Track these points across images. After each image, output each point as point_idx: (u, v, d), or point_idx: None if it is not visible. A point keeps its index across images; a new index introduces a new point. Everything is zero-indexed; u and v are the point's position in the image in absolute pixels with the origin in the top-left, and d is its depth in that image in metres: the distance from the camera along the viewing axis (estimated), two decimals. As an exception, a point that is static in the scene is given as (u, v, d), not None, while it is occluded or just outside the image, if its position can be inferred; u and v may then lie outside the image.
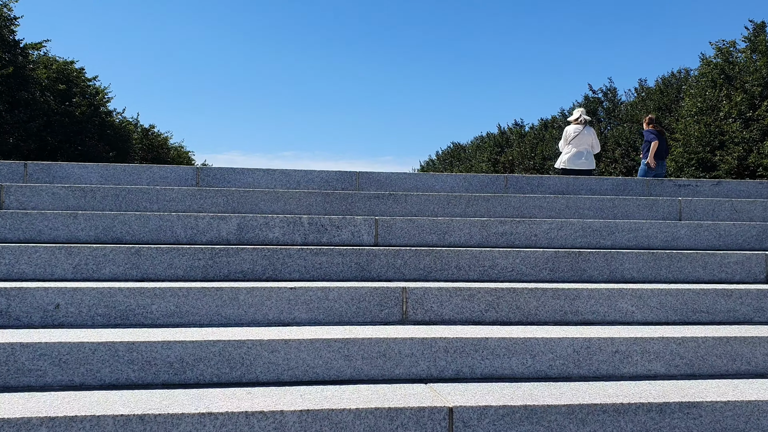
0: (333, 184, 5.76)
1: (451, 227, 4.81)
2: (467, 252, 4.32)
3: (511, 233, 4.87)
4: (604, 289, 3.94)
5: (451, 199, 5.36)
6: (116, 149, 46.46)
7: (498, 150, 67.93)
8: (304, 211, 5.19)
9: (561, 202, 5.48)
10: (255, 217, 4.62)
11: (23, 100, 33.64)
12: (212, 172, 5.60)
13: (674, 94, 45.62)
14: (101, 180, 5.44)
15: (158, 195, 5.02)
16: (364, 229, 4.72)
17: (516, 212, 5.42)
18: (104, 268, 4.00)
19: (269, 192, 5.17)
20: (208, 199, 5.08)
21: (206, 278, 4.07)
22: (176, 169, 5.55)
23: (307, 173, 5.73)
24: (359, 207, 5.26)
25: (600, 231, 4.97)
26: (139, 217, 4.51)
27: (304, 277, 4.16)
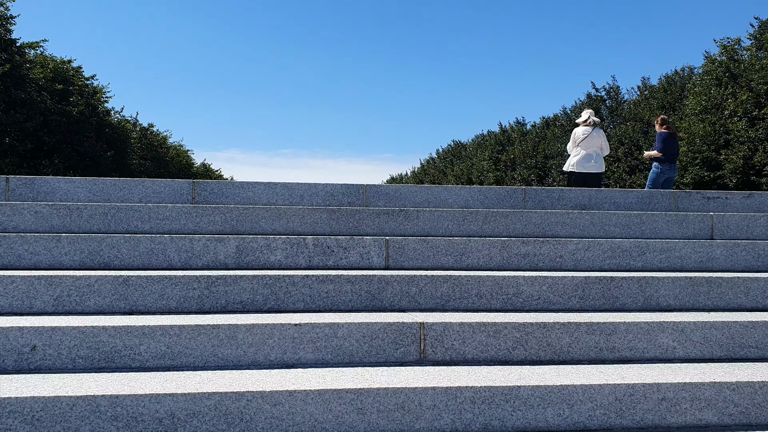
0: (338, 198, 5.37)
1: (468, 248, 4.42)
2: (488, 278, 3.92)
3: (534, 254, 4.48)
4: (642, 323, 3.55)
5: (466, 216, 4.96)
6: (114, 149, 45.96)
7: (499, 148, 67.45)
8: (308, 230, 4.79)
9: (585, 218, 5.09)
10: (255, 239, 4.23)
11: (20, 100, 33.20)
12: (209, 186, 5.20)
13: (678, 93, 45.18)
14: (89, 195, 5.04)
15: (150, 213, 4.63)
16: (373, 250, 4.33)
17: (537, 229, 5.03)
18: (88, 300, 3.60)
19: (270, 209, 4.77)
20: (204, 217, 4.68)
21: (201, 310, 3.68)
22: (171, 184, 5.16)
23: (311, 187, 5.33)
24: (367, 224, 4.86)
25: (630, 251, 4.58)
26: (129, 240, 4.11)
27: (310, 308, 3.77)
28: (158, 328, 3.20)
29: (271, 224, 4.76)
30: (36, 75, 36.94)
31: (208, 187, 5.19)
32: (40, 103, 34.93)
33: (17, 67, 33.91)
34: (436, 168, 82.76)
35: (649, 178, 12.92)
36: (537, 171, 57.83)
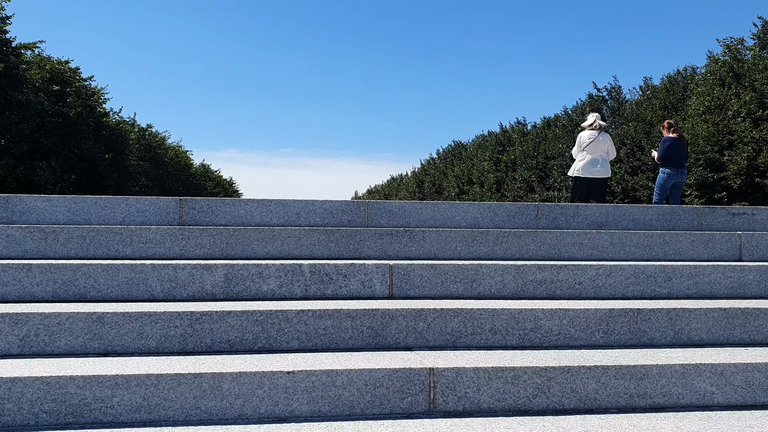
0: (338, 216, 4.99)
1: (479, 274, 4.04)
2: (504, 312, 3.54)
3: (551, 281, 4.10)
4: (677, 365, 3.17)
5: (476, 236, 4.58)
6: (112, 150, 45.57)
7: (500, 149, 67.06)
8: (304, 253, 4.41)
9: (604, 238, 4.71)
10: (246, 266, 3.85)
11: (15, 101, 32.79)
12: (198, 204, 4.82)
13: (681, 93, 44.80)
14: (69, 215, 4.66)
15: (133, 236, 4.25)
16: (376, 277, 3.95)
17: (553, 251, 4.65)
18: (59, 340, 3.23)
19: (263, 231, 4.39)
20: (191, 239, 4.30)
21: (184, 350, 3.30)
22: (156, 201, 4.77)
23: (308, 204, 4.95)
24: (369, 246, 4.48)
25: (655, 277, 4.20)
26: (107, 269, 3.73)
27: (306, 347, 3.39)
28: (133, 378, 2.82)
29: (264, 247, 4.38)
30: (33, 76, 36.56)
31: (196, 204, 4.81)
32: (36, 105, 34.55)
33: (13, 68, 33.53)
34: (437, 168, 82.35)
35: (656, 183, 12.53)
36: (538, 172, 57.47)
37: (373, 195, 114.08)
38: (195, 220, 4.78)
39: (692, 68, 46.34)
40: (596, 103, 52.94)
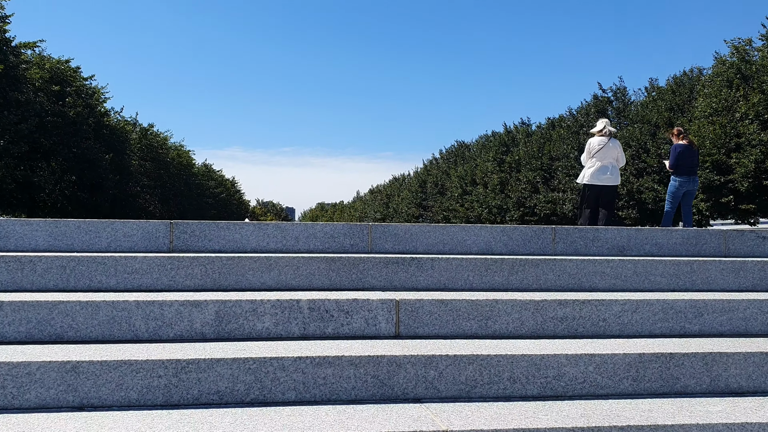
0: (339, 240, 4.64)
1: (495, 310, 3.70)
2: (523, 358, 3.20)
3: (573, 318, 3.75)
4: (720, 425, 2.83)
5: (489, 265, 4.24)
6: (113, 150, 45.26)
7: (504, 149, 66.54)
8: (304, 283, 4.07)
9: (628, 267, 4.36)
10: (239, 302, 3.51)
11: (15, 101, 32.41)
12: (189, 228, 4.48)
13: (687, 94, 44.25)
14: (50, 241, 4.33)
15: (117, 266, 3.91)
16: (381, 314, 3.61)
17: (572, 281, 4.30)
18: (28, 393, 2.89)
19: (259, 259, 4.05)
20: (181, 270, 3.96)
21: (169, 402, 2.96)
22: (144, 225, 4.43)
23: (307, 227, 4.61)
24: (373, 276, 4.14)
25: (684, 312, 3.86)
26: (86, 306, 3.40)
27: (303, 398, 3.05)
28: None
29: (260, 277, 4.04)
30: (32, 75, 36.19)
31: (188, 228, 4.47)
32: (36, 104, 34.17)
33: (13, 68, 33.15)
34: (439, 169, 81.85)
35: (668, 191, 12.16)
36: (542, 173, 56.92)
37: (375, 195, 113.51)
38: (186, 245, 4.44)
39: (699, 69, 45.86)
40: (601, 105, 52.59)
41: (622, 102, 52.04)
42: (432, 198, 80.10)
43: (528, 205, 58.00)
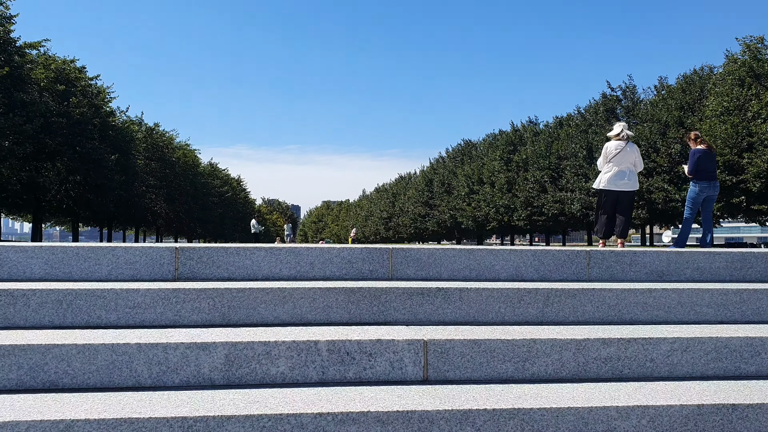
0: (358, 266, 4.30)
1: (533, 351, 3.35)
2: (570, 411, 2.86)
3: (617, 358, 3.41)
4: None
5: (523, 296, 3.89)
6: (119, 151, 45.05)
7: (511, 148, 66.11)
8: (321, 317, 3.74)
9: (671, 297, 4.01)
10: (251, 344, 3.18)
11: (20, 102, 32.15)
12: (196, 253, 4.15)
13: (697, 93, 43.72)
14: (46, 269, 4.00)
15: (118, 299, 3.58)
16: (407, 356, 3.27)
17: (612, 312, 3.95)
18: (16, 456, 2.56)
19: (272, 291, 3.72)
20: (187, 303, 3.63)
21: (175, 466, 2.63)
22: (147, 251, 4.11)
23: (324, 252, 4.27)
24: (396, 308, 3.80)
25: (740, 352, 3.51)
26: (83, 351, 3.07)
27: (325, 459, 2.71)
28: None
29: (273, 311, 3.70)
30: (37, 76, 35.94)
31: (195, 254, 4.14)
32: (41, 105, 33.91)
33: (17, 68, 32.91)
34: (446, 167, 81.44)
35: (687, 197, 11.78)
36: (550, 172, 56.50)
37: (381, 193, 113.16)
38: (193, 272, 4.11)
39: (709, 68, 45.39)
40: (610, 103, 52.13)
41: (631, 100, 51.51)
42: (439, 197, 79.71)
43: (536, 205, 57.56)
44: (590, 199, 48.91)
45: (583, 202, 49.32)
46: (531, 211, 57.78)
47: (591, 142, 49.92)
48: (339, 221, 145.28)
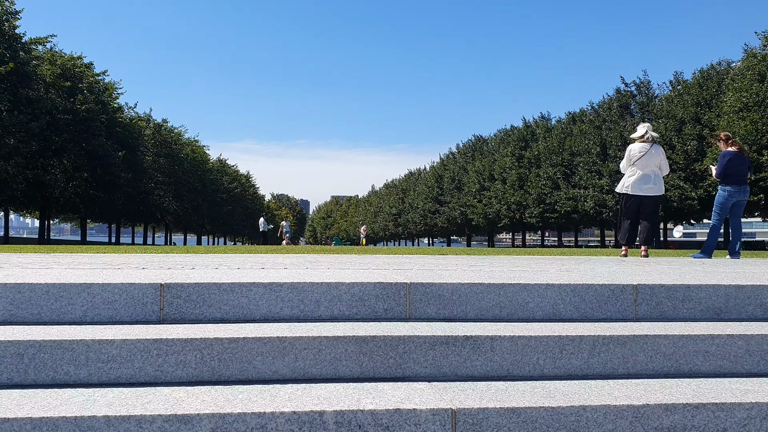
0: (370, 303, 3.75)
1: (582, 420, 2.78)
2: None
3: (683, 428, 2.83)
4: None
5: (565, 344, 3.32)
6: (126, 147, 44.72)
7: (523, 144, 65.27)
8: (327, 371, 3.18)
9: (738, 344, 3.43)
10: (243, 417, 2.62)
11: (25, 98, 31.74)
12: (185, 291, 3.60)
13: (715, 89, 42.76)
14: (11, 310, 3.47)
15: (89, 353, 3.04)
16: (432, 430, 2.71)
17: (669, 363, 3.37)
18: None
19: (270, 341, 3.16)
20: (171, 356, 3.08)
21: None
22: (128, 289, 3.56)
23: (331, 288, 3.71)
24: (416, 361, 3.24)
25: (830, 419, 2.92)
26: (39, 426, 2.53)
27: None
28: None
29: (271, 364, 3.15)
30: (43, 72, 35.57)
31: (183, 292, 3.59)
32: (47, 102, 33.51)
33: (23, 64, 32.52)
34: (456, 163, 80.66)
35: (715, 202, 11.14)
36: (563, 169, 55.70)
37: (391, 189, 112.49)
38: (180, 312, 3.56)
39: (727, 62, 44.44)
40: (624, 99, 51.27)
41: (646, 96, 50.61)
42: (449, 193, 79.01)
43: (548, 202, 56.82)
44: (604, 196, 48.17)
45: (596, 199, 48.58)
46: (543, 209, 57.08)
47: (605, 138, 49.14)
48: (348, 217, 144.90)
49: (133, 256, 7.63)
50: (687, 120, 41.73)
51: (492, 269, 5.28)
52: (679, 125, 42.30)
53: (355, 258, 7.56)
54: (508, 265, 6.08)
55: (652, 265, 6.74)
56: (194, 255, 8.33)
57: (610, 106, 51.59)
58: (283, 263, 5.76)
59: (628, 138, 47.35)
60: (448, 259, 7.52)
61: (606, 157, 49.44)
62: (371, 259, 7.33)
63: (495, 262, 6.79)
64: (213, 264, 5.46)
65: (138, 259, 6.75)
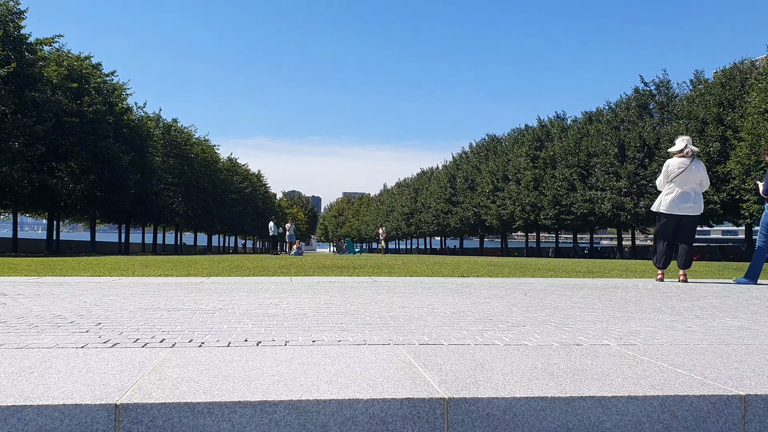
0: (396, 427, 2.82)
1: None
2: None
3: None
4: None
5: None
6: (134, 149, 43.95)
7: (538, 144, 63.91)
8: None
9: None
10: None
11: (30, 101, 30.95)
12: (148, 416, 2.69)
13: (738, 89, 41.31)
14: None
15: None
16: None
17: None
18: None
19: None
20: None
21: None
22: (72, 413, 2.66)
23: (342, 407, 2.79)
24: None
25: None
26: None
27: None
28: None
29: None
30: (50, 73, 34.80)
31: (145, 416, 2.67)
32: (53, 104, 32.73)
33: (29, 66, 31.75)
34: (469, 163, 79.34)
35: (761, 222, 10.14)
36: (579, 170, 54.37)
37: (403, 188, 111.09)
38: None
39: (750, 61, 43.10)
40: (643, 98, 50.03)
41: (665, 96, 49.20)
42: (462, 193, 77.73)
43: (564, 204, 55.47)
44: (622, 198, 46.90)
45: (614, 201, 47.31)
46: (559, 210, 55.86)
47: (622, 139, 47.87)
48: (359, 216, 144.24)
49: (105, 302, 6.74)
50: (709, 121, 40.51)
51: (534, 335, 4.35)
52: (701, 126, 41.09)
53: (369, 307, 6.69)
54: (554, 315, 5.13)
55: (717, 322, 5.77)
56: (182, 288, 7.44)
57: (628, 105, 50.38)
58: (284, 337, 4.85)
59: (647, 138, 46.20)
60: (477, 302, 6.62)
61: (624, 159, 48.27)
62: (386, 310, 6.45)
63: (531, 312, 5.87)
64: (198, 333, 4.55)
65: (106, 312, 5.87)
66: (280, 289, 7.48)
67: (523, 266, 15.96)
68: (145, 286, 7.67)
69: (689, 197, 10.42)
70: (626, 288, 8.44)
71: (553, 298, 7.11)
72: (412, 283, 8.63)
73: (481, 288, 8.13)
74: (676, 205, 10.48)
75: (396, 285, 8.20)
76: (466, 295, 7.13)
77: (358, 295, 6.98)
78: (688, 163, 10.47)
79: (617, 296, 7.36)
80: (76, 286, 7.83)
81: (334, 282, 8.37)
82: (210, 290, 6.90)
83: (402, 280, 9.18)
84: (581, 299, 6.92)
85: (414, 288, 7.83)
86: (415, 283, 8.60)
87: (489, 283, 9.04)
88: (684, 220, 10.46)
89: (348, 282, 8.47)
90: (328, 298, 6.73)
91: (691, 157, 10.49)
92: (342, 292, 7.12)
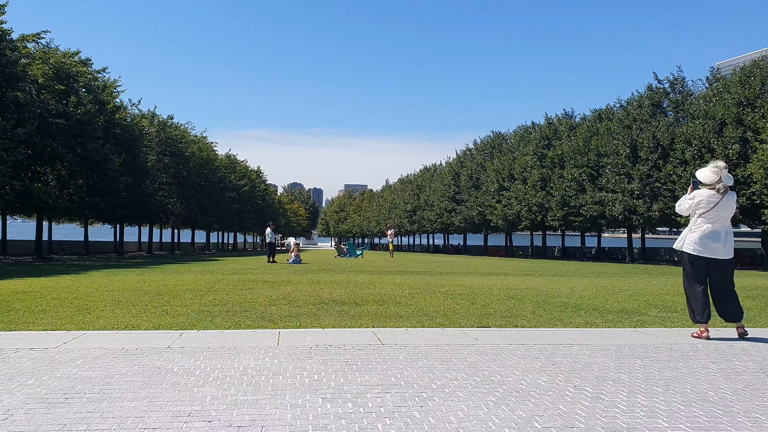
0: None
1: None
2: None
3: None
4: None
5: None
6: (126, 150, 42.11)
7: (545, 143, 61.92)
8: None
9: None
10: None
11: (13, 102, 29.12)
12: None
13: (758, 87, 39.30)
14: None
15: None
16: None
17: None
18: None
19: None
20: None
21: None
22: None
23: None
24: None
25: None
26: None
27: None
28: None
29: None
30: (34, 72, 32.98)
31: None
32: (37, 105, 30.94)
33: (11, 64, 29.94)
34: (474, 161, 77.41)
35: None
36: (589, 170, 52.43)
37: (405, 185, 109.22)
38: None
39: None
40: (656, 96, 48.06)
41: (680, 94, 47.22)
42: (466, 191, 75.76)
43: (572, 205, 53.54)
44: (634, 201, 45.03)
45: (626, 204, 45.45)
46: (567, 211, 53.97)
47: (635, 138, 45.94)
48: (361, 211, 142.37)
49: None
50: (728, 121, 38.59)
51: None
52: (719, 127, 39.18)
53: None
54: None
55: None
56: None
57: (641, 103, 48.41)
58: None
59: (661, 138, 44.27)
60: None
61: (636, 160, 46.38)
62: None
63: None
64: None
65: None
66: (259, 370, 5.76)
67: (544, 295, 14.30)
68: (81, 371, 5.94)
69: (719, 236, 8.39)
70: (671, 356, 6.63)
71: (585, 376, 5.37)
72: (424, 349, 6.91)
73: (511, 360, 6.42)
74: (705, 244, 8.45)
75: (407, 353, 6.50)
76: (497, 385, 5.41)
77: (359, 393, 5.25)
78: (721, 197, 8.48)
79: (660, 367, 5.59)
80: None
81: (330, 349, 6.76)
82: (169, 382, 5.21)
83: (411, 341, 7.53)
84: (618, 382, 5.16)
85: (430, 370, 6.12)
86: (428, 348, 6.91)
87: (518, 348, 7.27)
88: (714, 264, 8.46)
89: (347, 345, 6.84)
90: (320, 411, 5.01)
91: (724, 192, 8.49)
92: (337, 390, 5.44)
